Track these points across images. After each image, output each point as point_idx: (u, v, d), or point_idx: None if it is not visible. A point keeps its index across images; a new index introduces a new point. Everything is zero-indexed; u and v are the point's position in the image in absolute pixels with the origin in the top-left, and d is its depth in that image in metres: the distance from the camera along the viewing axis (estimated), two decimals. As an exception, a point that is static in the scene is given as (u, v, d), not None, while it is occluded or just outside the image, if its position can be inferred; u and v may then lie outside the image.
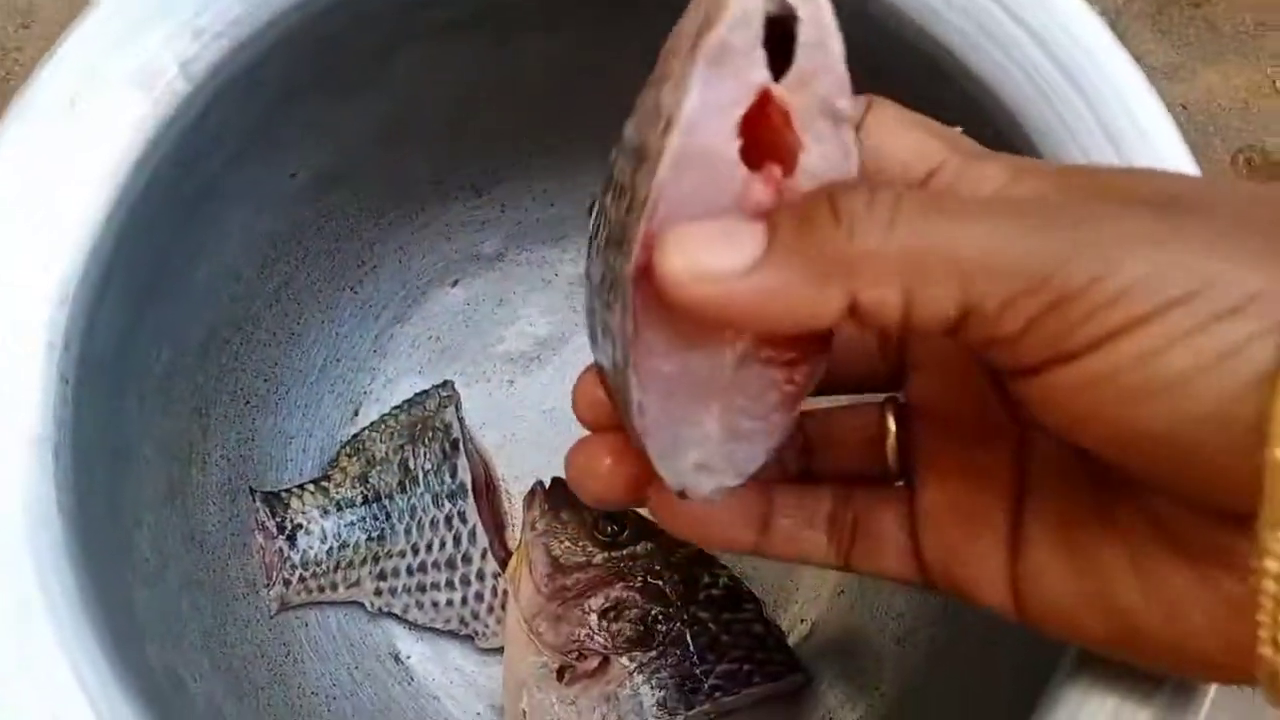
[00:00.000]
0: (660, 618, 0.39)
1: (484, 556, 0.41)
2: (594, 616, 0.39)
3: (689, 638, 0.39)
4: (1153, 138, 0.28)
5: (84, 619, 0.26)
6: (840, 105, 0.19)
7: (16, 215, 0.27)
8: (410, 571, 0.41)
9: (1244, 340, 0.15)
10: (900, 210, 0.17)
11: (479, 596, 0.41)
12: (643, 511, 0.43)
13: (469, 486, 0.42)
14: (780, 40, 0.19)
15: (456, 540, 0.41)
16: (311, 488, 0.42)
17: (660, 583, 0.39)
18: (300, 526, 0.41)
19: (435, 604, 0.41)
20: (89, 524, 0.29)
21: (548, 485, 0.42)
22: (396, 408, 0.44)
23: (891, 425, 0.24)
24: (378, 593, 0.41)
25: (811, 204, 0.18)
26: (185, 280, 0.37)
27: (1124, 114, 0.28)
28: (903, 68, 0.31)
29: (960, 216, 0.17)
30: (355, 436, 0.43)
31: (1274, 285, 0.16)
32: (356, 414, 0.45)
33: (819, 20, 0.19)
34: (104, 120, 0.28)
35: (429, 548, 0.41)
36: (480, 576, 0.41)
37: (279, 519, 0.40)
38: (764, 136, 0.19)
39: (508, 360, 0.46)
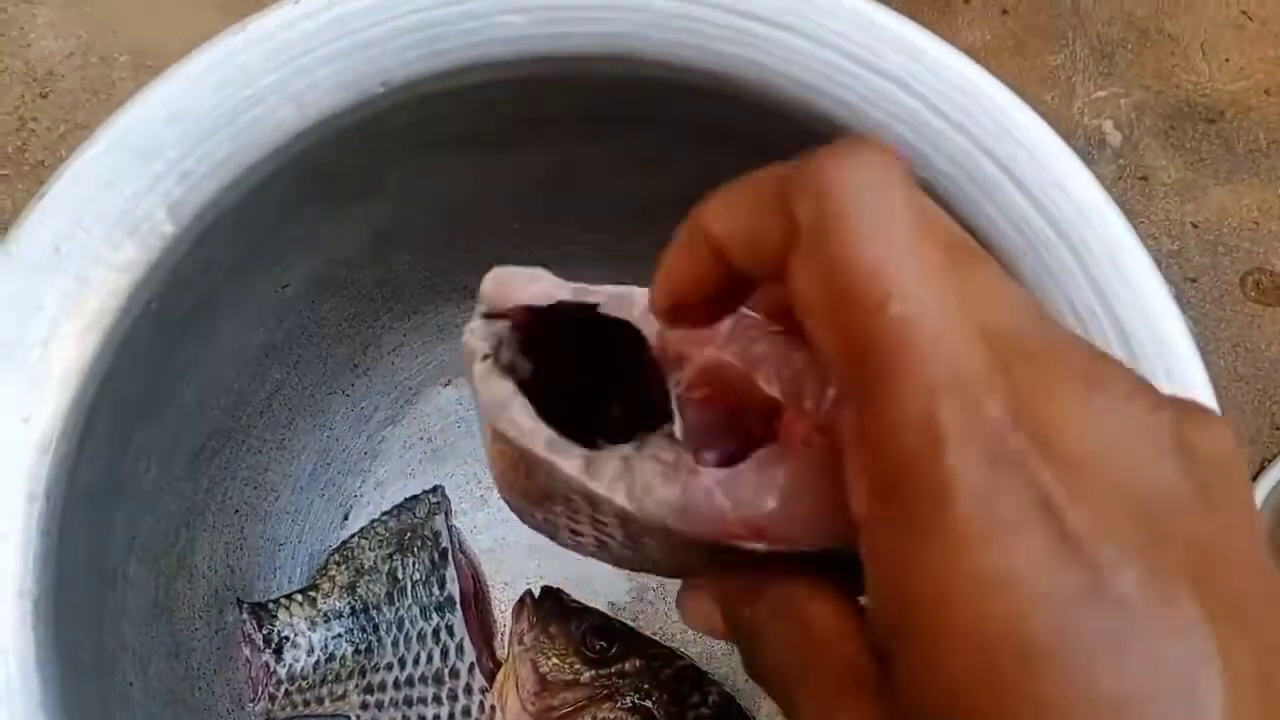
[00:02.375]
0: (649, 740, 0.38)
1: (471, 671, 0.41)
2: (581, 738, 0.38)
3: (678, 760, 0.38)
4: (1139, 290, 0.28)
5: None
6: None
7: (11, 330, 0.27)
8: (397, 685, 0.41)
9: None
10: None
11: (466, 711, 0.41)
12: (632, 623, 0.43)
13: (457, 599, 0.41)
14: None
15: (444, 654, 0.41)
16: (299, 598, 0.41)
17: (649, 703, 0.39)
18: (287, 639, 0.40)
19: (422, 717, 0.41)
20: (69, 666, 0.29)
21: (537, 595, 0.42)
22: (386, 514, 0.44)
23: None
24: (364, 706, 0.41)
25: None
26: (174, 398, 0.37)
27: (1111, 267, 0.28)
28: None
29: None
30: (344, 544, 0.43)
31: None
32: (346, 518, 0.45)
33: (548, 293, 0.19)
34: (89, 267, 0.28)
35: (416, 661, 0.41)
36: (468, 691, 0.41)
37: (266, 631, 0.40)
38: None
39: (500, 462, 0.46)
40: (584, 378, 0.22)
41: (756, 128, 0.34)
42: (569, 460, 0.19)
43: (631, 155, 0.39)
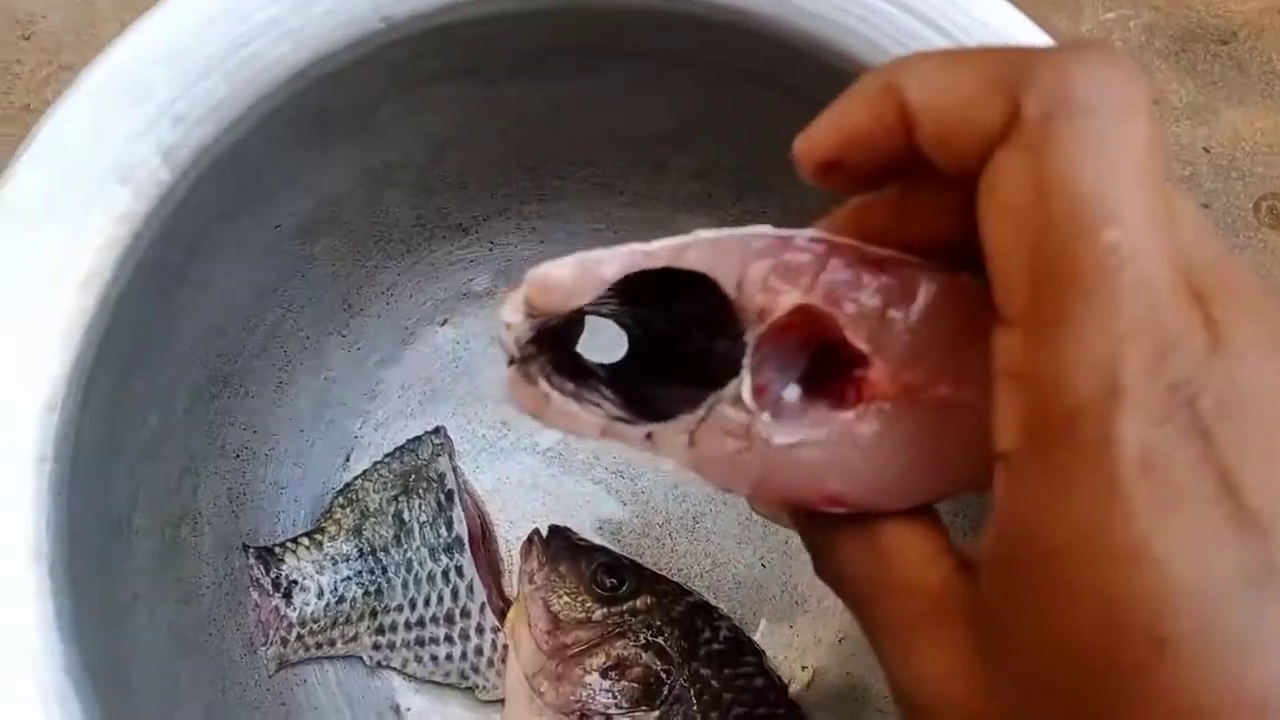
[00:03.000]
0: (663, 676, 0.39)
1: (483, 610, 0.41)
2: (595, 676, 0.39)
3: (691, 695, 0.39)
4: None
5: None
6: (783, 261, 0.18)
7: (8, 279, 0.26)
8: (408, 626, 0.41)
9: None
10: None
11: (478, 650, 0.41)
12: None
13: (465, 540, 0.41)
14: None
15: (454, 594, 0.41)
16: (306, 541, 0.41)
17: (661, 639, 0.39)
18: (296, 583, 0.40)
19: (434, 658, 0.41)
20: (85, 623, 0.29)
21: (545, 534, 0.42)
22: (389, 455, 0.43)
23: None
24: (376, 647, 0.41)
25: None
26: (169, 344, 0.36)
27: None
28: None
29: None
30: (348, 486, 0.43)
31: None
32: (348, 460, 0.44)
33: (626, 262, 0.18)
34: (84, 217, 0.27)
35: (426, 602, 0.41)
36: (479, 630, 0.41)
37: (274, 575, 0.40)
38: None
39: (498, 400, 0.46)
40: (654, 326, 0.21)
41: (766, 62, 0.33)
42: (629, 439, 0.18)
43: (631, 88, 0.38)
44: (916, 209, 0.18)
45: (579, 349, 0.21)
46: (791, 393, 0.19)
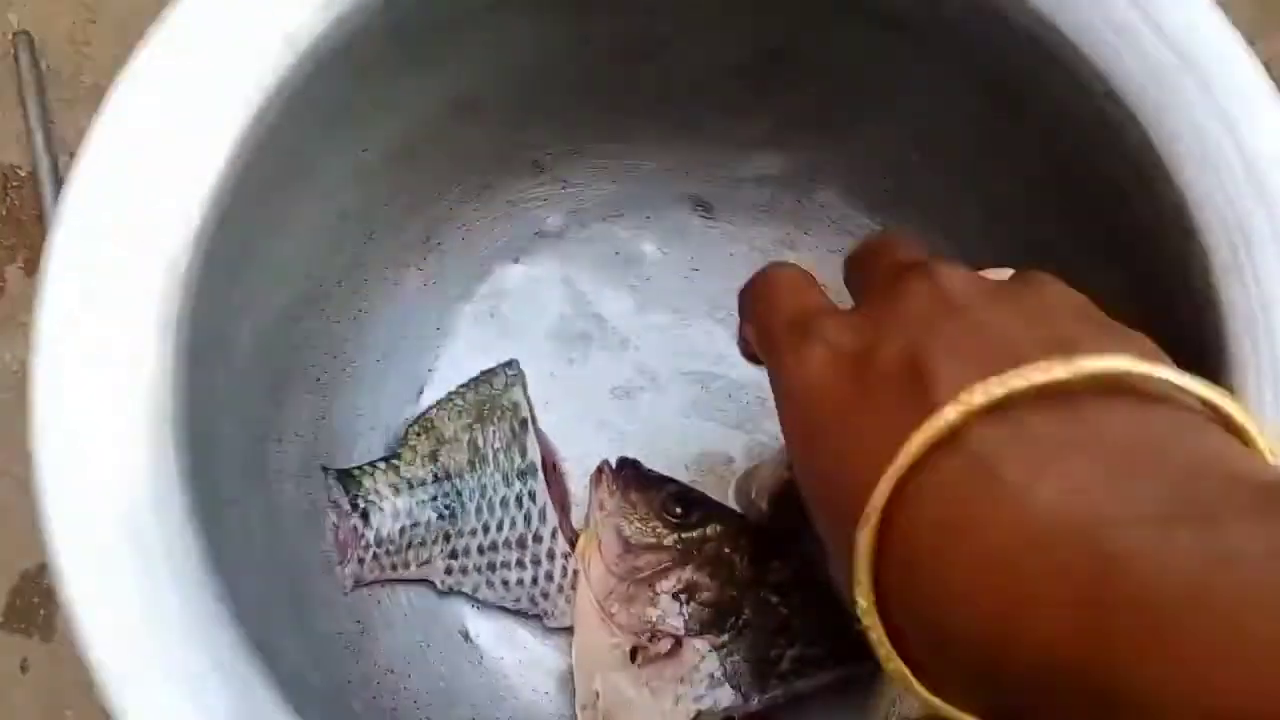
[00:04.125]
0: (732, 601, 0.39)
1: (554, 536, 0.41)
2: (666, 598, 0.39)
3: (762, 621, 0.39)
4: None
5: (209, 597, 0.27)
6: None
7: (130, 189, 0.27)
8: (481, 550, 0.41)
9: None
10: None
11: (549, 576, 0.41)
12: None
13: (539, 465, 0.42)
14: None
15: (527, 519, 0.41)
16: (383, 465, 0.42)
17: (731, 566, 0.40)
18: (373, 504, 0.41)
19: (505, 583, 0.41)
20: (197, 500, 0.29)
21: (614, 465, 0.42)
22: (463, 386, 0.44)
23: None
24: (448, 571, 0.41)
25: None
26: (266, 256, 0.37)
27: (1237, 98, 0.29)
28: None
29: None
30: (423, 415, 0.43)
31: None
32: (421, 392, 0.45)
33: None
34: (219, 80, 0.28)
35: (499, 527, 0.41)
36: (550, 556, 0.41)
37: (352, 496, 0.41)
38: None
39: (568, 339, 0.46)
40: None
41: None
42: None
43: (712, 24, 0.39)
44: None
45: None
46: None
